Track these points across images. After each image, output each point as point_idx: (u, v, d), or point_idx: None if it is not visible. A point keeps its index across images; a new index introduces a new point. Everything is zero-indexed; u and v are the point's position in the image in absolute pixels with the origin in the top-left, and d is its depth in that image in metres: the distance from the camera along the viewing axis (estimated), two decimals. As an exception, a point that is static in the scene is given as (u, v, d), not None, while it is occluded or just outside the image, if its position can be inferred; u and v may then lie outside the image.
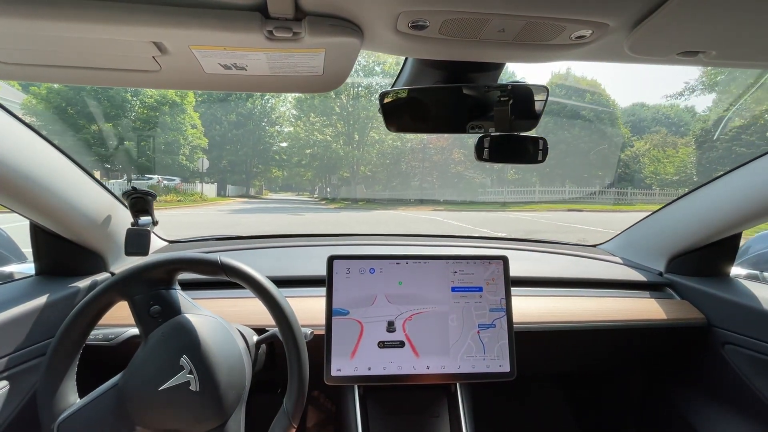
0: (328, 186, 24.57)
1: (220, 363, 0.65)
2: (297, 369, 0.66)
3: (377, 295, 0.86)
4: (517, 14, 0.48)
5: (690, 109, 33.53)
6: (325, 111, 21.68)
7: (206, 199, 17.83)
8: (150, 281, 0.66)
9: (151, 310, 0.66)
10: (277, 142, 24.91)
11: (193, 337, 0.65)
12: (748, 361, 0.98)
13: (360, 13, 0.50)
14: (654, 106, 34.31)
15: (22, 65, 0.61)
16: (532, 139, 0.75)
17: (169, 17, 0.47)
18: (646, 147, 23.89)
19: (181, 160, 17.56)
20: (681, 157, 21.87)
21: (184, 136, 17.60)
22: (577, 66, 42.94)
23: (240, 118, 23.27)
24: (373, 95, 21.64)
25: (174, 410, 0.62)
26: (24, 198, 0.76)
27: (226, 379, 0.64)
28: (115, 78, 0.65)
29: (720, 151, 18.94)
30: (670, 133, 26.08)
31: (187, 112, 17.74)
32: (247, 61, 0.58)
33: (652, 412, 1.24)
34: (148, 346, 0.65)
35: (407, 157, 22.87)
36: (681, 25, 0.48)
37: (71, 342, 0.64)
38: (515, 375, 0.85)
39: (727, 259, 1.14)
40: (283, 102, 24.48)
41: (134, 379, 0.63)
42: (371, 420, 0.87)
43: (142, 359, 0.64)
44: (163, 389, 0.61)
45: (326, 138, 21.48)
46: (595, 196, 21.06)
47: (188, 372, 0.63)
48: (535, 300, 1.05)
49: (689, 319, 1.06)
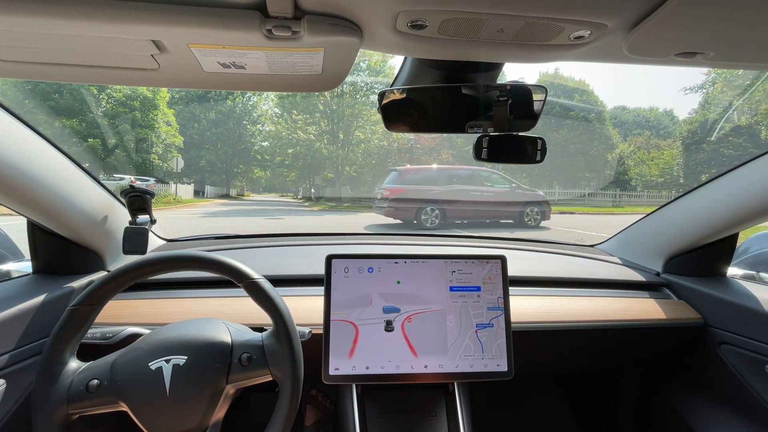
0: (312, 187, 24.39)
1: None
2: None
3: (376, 295, 0.88)
4: (515, 14, 0.50)
5: (669, 112, 35.10)
6: (308, 109, 21.51)
7: (181, 200, 17.43)
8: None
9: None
10: (259, 141, 24.65)
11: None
12: (744, 361, 1.01)
13: (359, 13, 0.52)
14: (634, 109, 35.63)
15: (19, 63, 0.61)
16: (530, 139, 0.78)
17: (168, 15, 0.48)
18: (630, 149, 24.68)
19: (153, 159, 17.12)
20: (666, 159, 22.68)
21: (156, 133, 17.16)
22: (565, 66, 43.93)
23: (219, 116, 22.89)
24: (359, 93, 21.63)
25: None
26: (21, 196, 0.77)
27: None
28: (113, 76, 0.66)
29: (707, 153, 19.70)
30: (652, 135, 27.08)
31: (161, 109, 17.30)
32: (246, 59, 0.59)
33: (648, 411, 1.28)
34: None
35: (394, 158, 22.93)
36: (679, 26, 0.50)
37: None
38: (513, 374, 0.88)
39: (724, 259, 1.18)
40: (265, 100, 24.24)
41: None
42: (369, 419, 0.89)
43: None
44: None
45: (309, 137, 21.31)
46: (584, 198, 21.55)
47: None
48: (533, 300, 1.08)
49: (686, 319, 1.09)
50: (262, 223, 10.40)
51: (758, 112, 13.66)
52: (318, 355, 0.84)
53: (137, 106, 16.62)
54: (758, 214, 0.97)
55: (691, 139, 20.78)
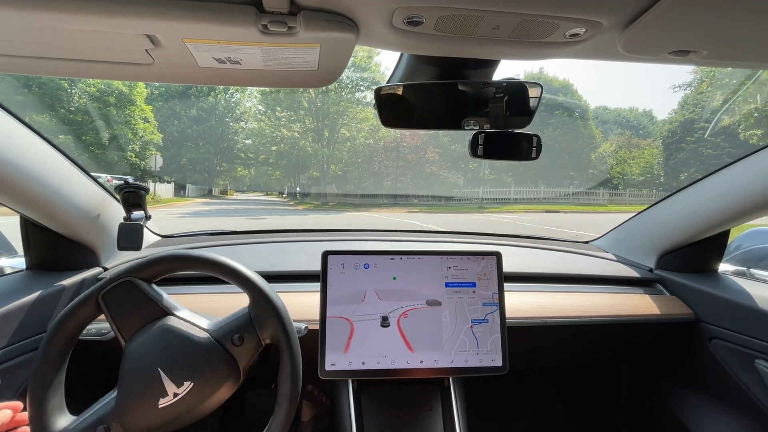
0: (297, 186, 24.20)
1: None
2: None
3: (371, 290, 0.89)
4: (511, 11, 0.51)
5: (648, 113, 36.34)
6: (292, 106, 21.31)
7: (160, 200, 17.06)
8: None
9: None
10: (242, 138, 24.28)
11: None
12: (734, 356, 1.04)
13: (355, 8, 0.52)
14: (615, 109, 36.75)
15: (9, 57, 0.60)
16: (526, 135, 0.80)
17: (162, 10, 0.48)
18: (612, 148, 25.38)
19: (130, 157, 16.68)
20: (646, 158, 23.40)
21: (133, 130, 16.73)
22: (549, 66, 44.74)
23: (201, 113, 22.44)
24: (344, 89, 21.53)
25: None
26: (13, 191, 0.77)
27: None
28: (107, 71, 0.65)
29: (686, 152, 20.39)
30: (632, 135, 27.96)
31: (138, 105, 16.86)
32: (242, 55, 0.59)
33: (641, 405, 1.32)
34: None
35: (380, 156, 22.94)
36: (673, 25, 0.51)
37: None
38: (507, 369, 0.90)
39: (716, 255, 1.21)
40: (248, 97, 23.93)
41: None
42: (365, 414, 0.90)
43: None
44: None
45: (293, 134, 21.13)
46: (569, 197, 22.02)
47: (172, 385, 0.64)
48: (528, 295, 1.10)
49: (678, 314, 1.12)
50: (242, 223, 10.22)
51: (739, 113, 14.28)
52: (314, 351, 0.85)
53: (113, 102, 16.15)
54: (749, 212, 1.00)
55: (671, 139, 21.50)
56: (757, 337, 0.98)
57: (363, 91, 21.89)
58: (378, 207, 18.17)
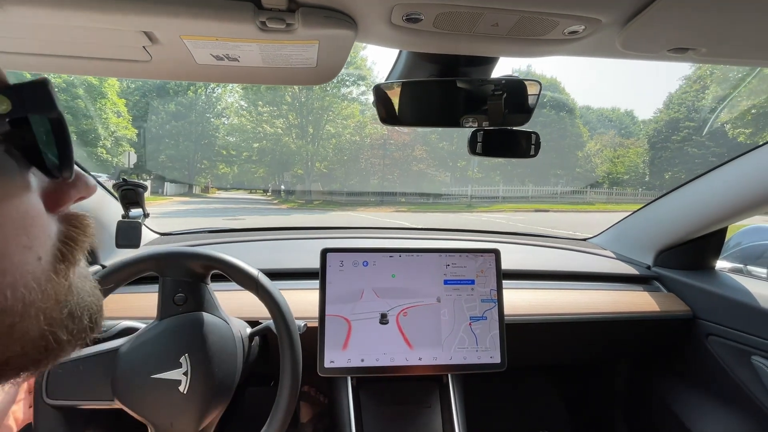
0: (282, 183, 23.95)
1: (215, 374, 0.68)
2: (290, 362, 0.70)
3: (370, 288, 0.90)
4: (510, 9, 0.51)
5: (629, 113, 37.47)
6: (275, 101, 21.03)
7: (132, 198, 16.52)
8: (187, 269, 0.72)
9: (176, 297, 0.71)
10: (224, 135, 23.85)
11: (200, 340, 0.69)
12: (730, 353, 1.06)
13: (354, 5, 0.52)
14: (598, 109, 37.71)
15: (5, 54, 0.59)
16: (524, 133, 0.81)
17: (160, 6, 0.48)
18: (597, 147, 25.95)
19: (100, 153, 16.18)
20: (630, 157, 24.01)
21: (104, 125, 16.24)
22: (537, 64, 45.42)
23: (180, 108, 21.92)
24: (329, 85, 21.38)
25: (156, 401, 0.65)
26: None
27: (213, 392, 0.68)
28: (104, 68, 0.65)
29: (671, 151, 20.97)
30: (616, 134, 28.70)
31: (109, 98, 16.36)
32: (240, 52, 0.59)
33: (638, 401, 1.35)
34: (159, 329, 0.69)
35: (366, 154, 22.89)
36: (672, 23, 0.53)
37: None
38: (506, 366, 0.92)
39: (713, 252, 1.23)
40: (230, 92, 23.50)
41: (135, 354, 0.66)
42: (364, 411, 0.92)
43: (149, 340, 0.68)
44: (155, 378, 0.65)
45: (276, 130, 20.88)
46: (557, 196, 22.39)
47: (183, 372, 0.65)
48: (526, 293, 1.13)
49: (675, 311, 1.15)
50: (219, 224, 9.86)
51: (734, 113, 14.69)
52: (312, 348, 0.86)
53: (81, 94, 15.60)
54: (746, 209, 1.03)
55: (656, 138, 22.09)
56: (754, 334, 1.00)
57: (349, 86, 21.81)
58: (365, 205, 18.11)
